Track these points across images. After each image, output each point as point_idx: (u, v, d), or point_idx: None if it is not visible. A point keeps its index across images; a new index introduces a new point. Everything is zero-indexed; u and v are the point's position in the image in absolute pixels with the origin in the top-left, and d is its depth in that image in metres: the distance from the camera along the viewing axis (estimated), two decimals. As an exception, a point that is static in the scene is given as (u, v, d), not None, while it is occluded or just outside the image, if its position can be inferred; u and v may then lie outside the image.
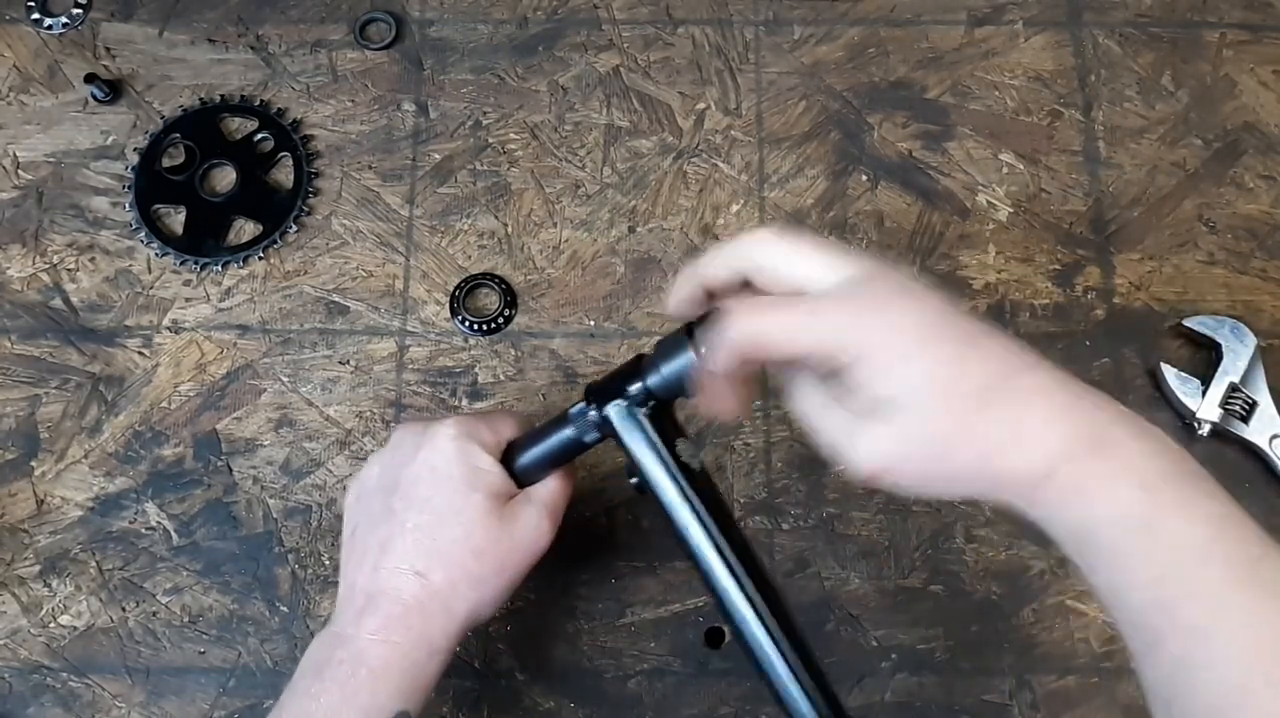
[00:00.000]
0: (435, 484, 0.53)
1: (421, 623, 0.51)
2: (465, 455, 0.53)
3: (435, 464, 0.53)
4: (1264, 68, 0.77)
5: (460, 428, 0.54)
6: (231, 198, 0.75)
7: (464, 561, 0.52)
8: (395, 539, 0.52)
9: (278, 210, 0.74)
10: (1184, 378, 0.69)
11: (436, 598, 0.51)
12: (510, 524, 0.53)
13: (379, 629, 0.51)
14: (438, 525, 0.52)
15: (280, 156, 0.76)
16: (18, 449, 0.69)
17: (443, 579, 0.51)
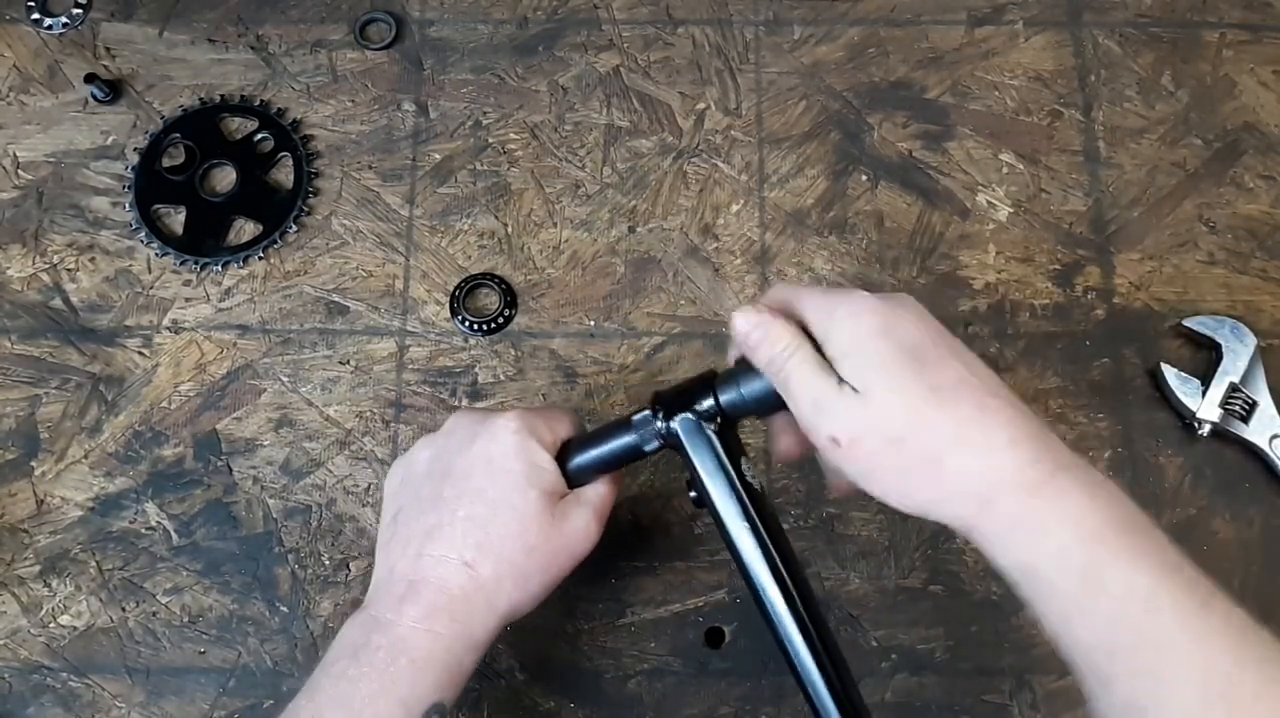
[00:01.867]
0: (491, 476, 0.52)
1: (466, 615, 0.50)
2: (525, 451, 0.53)
3: (493, 456, 0.52)
4: (1264, 68, 0.77)
5: (522, 422, 0.53)
6: (231, 198, 0.75)
7: (514, 556, 0.51)
8: (444, 528, 0.52)
9: (278, 210, 0.74)
10: (1184, 378, 0.69)
11: (482, 591, 0.51)
12: (561, 524, 0.52)
13: (422, 618, 0.50)
14: (490, 518, 0.51)
15: (280, 156, 0.76)
16: (18, 449, 0.69)
17: (490, 573, 0.51)
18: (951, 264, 0.73)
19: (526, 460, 0.52)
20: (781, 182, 0.75)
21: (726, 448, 0.52)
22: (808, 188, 0.75)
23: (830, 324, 0.47)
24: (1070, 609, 0.42)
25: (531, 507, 0.52)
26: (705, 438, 0.52)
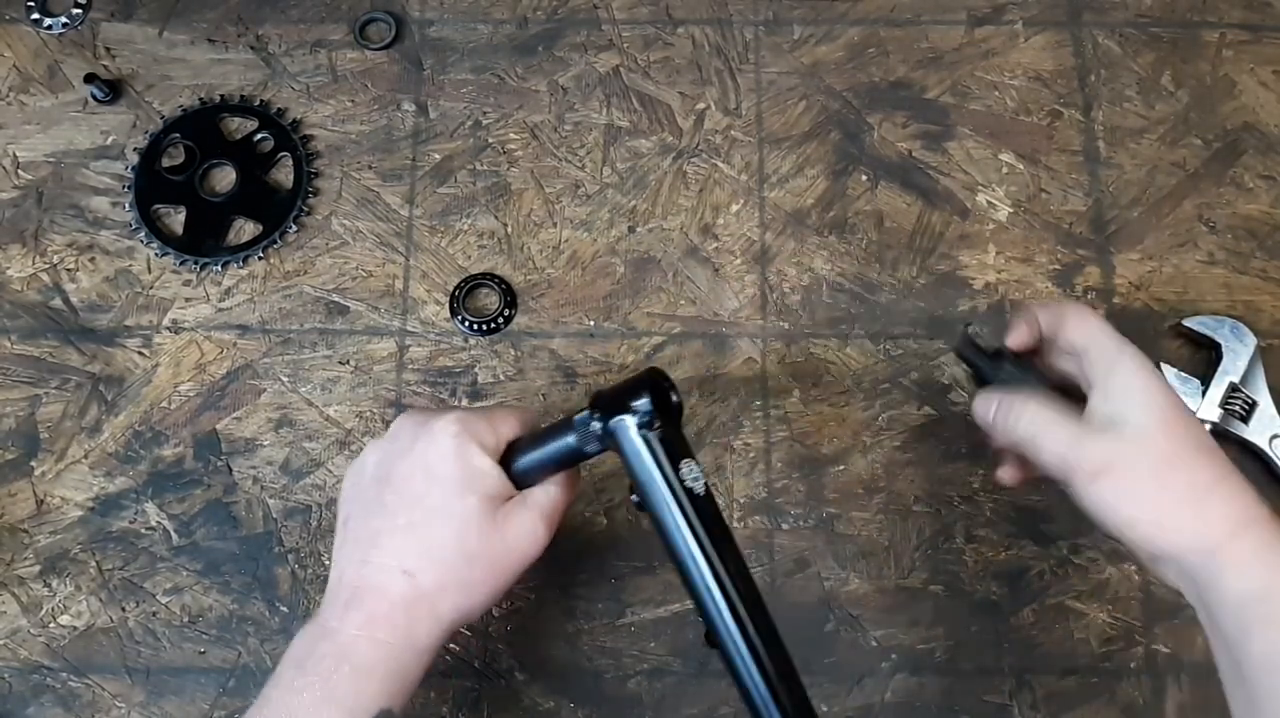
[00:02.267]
0: (430, 482, 0.52)
1: (407, 623, 0.50)
2: (463, 455, 0.52)
3: (431, 461, 0.52)
4: (1264, 68, 0.77)
5: (461, 425, 0.53)
6: (231, 198, 0.75)
7: (454, 564, 0.51)
8: (385, 535, 0.52)
9: (278, 210, 0.74)
10: (1184, 378, 0.69)
11: (424, 600, 0.50)
12: (504, 528, 0.52)
13: (364, 625, 0.50)
14: (429, 525, 0.51)
15: (280, 156, 0.76)
16: (18, 449, 0.69)
17: (431, 582, 0.51)
18: (951, 264, 0.73)
19: (465, 465, 0.52)
20: (781, 181, 0.75)
21: (667, 450, 0.50)
22: (808, 188, 0.75)
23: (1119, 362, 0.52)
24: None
25: (471, 513, 0.51)
26: (644, 442, 0.50)
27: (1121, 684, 0.64)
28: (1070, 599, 0.66)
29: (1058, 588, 0.66)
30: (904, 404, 0.70)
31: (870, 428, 0.69)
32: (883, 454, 0.69)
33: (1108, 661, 0.65)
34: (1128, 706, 0.64)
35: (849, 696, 0.64)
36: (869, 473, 0.68)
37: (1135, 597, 0.66)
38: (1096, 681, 0.64)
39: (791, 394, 0.70)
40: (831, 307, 0.72)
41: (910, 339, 0.71)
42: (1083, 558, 0.67)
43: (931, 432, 0.69)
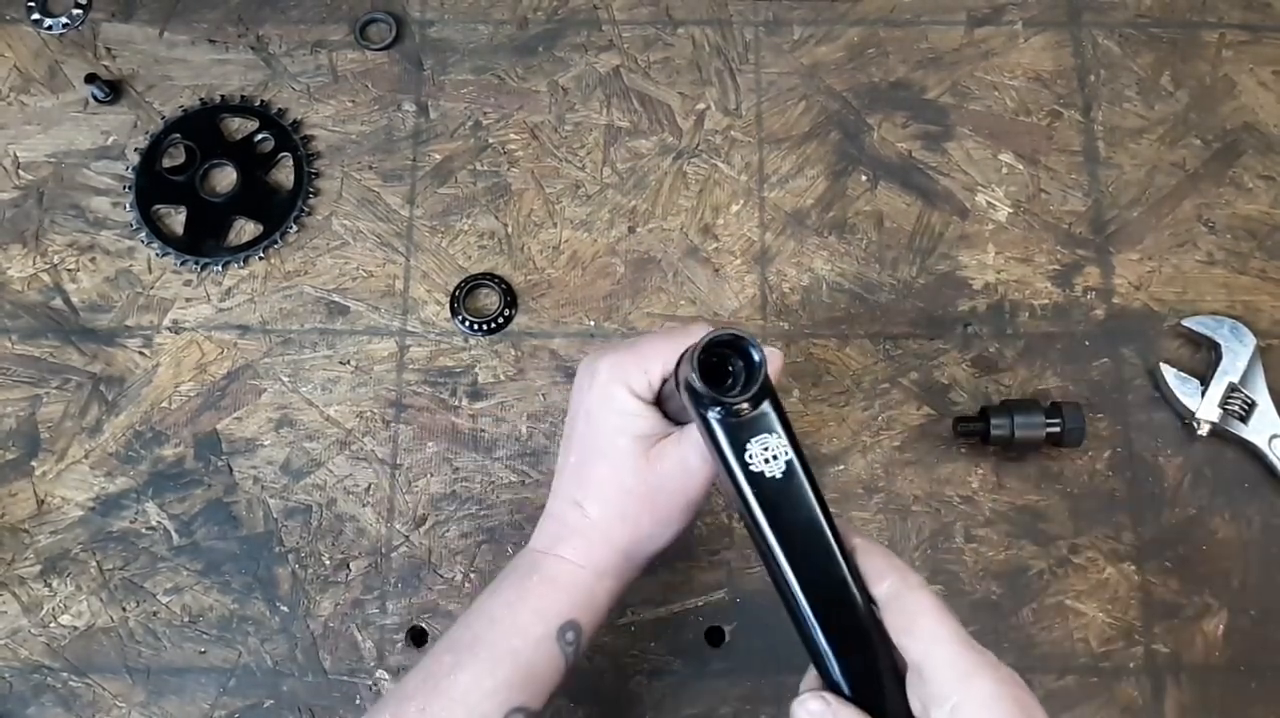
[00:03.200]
0: (590, 426, 0.55)
1: (586, 547, 0.54)
2: (611, 401, 0.54)
3: (590, 407, 0.55)
4: (1263, 68, 0.77)
5: (612, 371, 0.54)
6: (232, 198, 0.75)
7: (615, 498, 0.54)
8: (564, 471, 0.56)
9: (278, 210, 0.74)
10: (1183, 378, 0.69)
11: (595, 528, 0.54)
12: (656, 466, 0.53)
13: (550, 545, 0.54)
14: (590, 464, 0.54)
15: (280, 157, 0.76)
16: (18, 449, 0.69)
17: (598, 513, 0.54)
18: (951, 264, 0.73)
19: (615, 410, 0.54)
20: (781, 182, 0.75)
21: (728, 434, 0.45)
22: (807, 188, 0.75)
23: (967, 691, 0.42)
24: None
25: (620, 453, 0.54)
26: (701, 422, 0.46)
27: (1121, 684, 0.64)
28: (1070, 599, 0.66)
29: (1057, 588, 0.66)
30: (904, 404, 0.70)
31: (870, 428, 0.69)
32: (883, 454, 0.69)
33: (1107, 660, 0.65)
34: (1127, 706, 0.64)
35: (849, 695, 0.64)
36: (869, 473, 0.68)
37: (1135, 597, 0.66)
38: (1095, 680, 0.65)
39: (791, 394, 0.70)
40: (831, 307, 0.72)
41: (910, 339, 0.71)
42: (1082, 558, 0.67)
43: (931, 432, 0.69)
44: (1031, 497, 0.68)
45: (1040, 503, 0.68)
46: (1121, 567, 0.67)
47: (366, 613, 0.66)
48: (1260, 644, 0.65)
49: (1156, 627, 0.66)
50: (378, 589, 0.66)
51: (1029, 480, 0.68)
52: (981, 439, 0.67)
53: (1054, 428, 0.66)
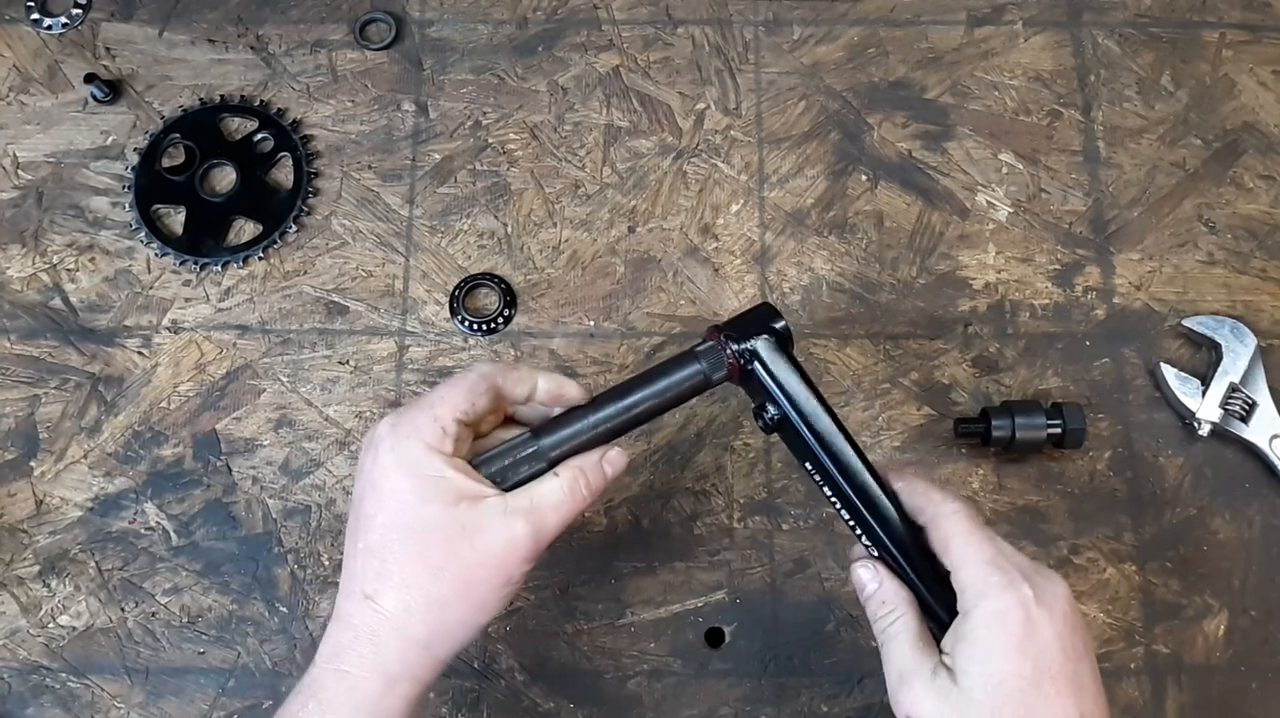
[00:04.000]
0: (379, 500, 0.47)
1: (373, 651, 0.46)
2: (407, 464, 0.47)
3: (375, 478, 0.47)
4: (1263, 68, 0.77)
5: (396, 431, 0.48)
6: (231, 198, 0.75)
7: (419, 581, 0.46)
8: (348, 559, 0.48)
9: (277, 210, 0.74)
10: (1184, 378, 0.69)
11: (389, 623, 0.46)
12: (475, 538, 0.47)
13: (330, 658, 0.47)
14: (383, 544, 0.47)
15: (280, 156, 0.76)
16: (17, 449, 0.69)
17: (394, 603, 0.46)
18: (951, 264, 0.73)
19: (413, 476, 0.47)
20: (781, 181, 0.75)
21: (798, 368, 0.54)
22: (808, 188, 0.75)
23: (977, 607, 0.46)
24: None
25: (426, 523, 0.46)
26: (785, 356, 0.53)
27: (1121, 684, 0.64)
28: (1070, 599, 0.66)
29: (1058, 588, 0.66)
30: (904, 404, 0.70)
31: (871, 428, 0.69)
32: (883, 454, 0.69)
33: (1108, 661, 0.65)
34: (1128, 706, 0.64)
35: (849, 696, 0.64)
36: (869, 473, 0.68)
37: (1135, 597, 0.66)
38: (1097, 681, 0.64)
39: (791, 394, 0.70)
40: (831, 307, 0.72)
41: (910, 339, 0.71)
42: (1083, 558, 0.67)
43: (932, 432, 0.69)
44: (1032, 497, 0.68)
45: (1041, 503, 0.68)
46: (1122, 567, 0.66)
47: (366, 613, 0.66)
48: (1261, 645, 0.65)
49: (1157, 627, 0.65)
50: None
51: (1029, 481, 0.68)
52: (982, 440, 0.67)
53: (1055, 429, 0.66)
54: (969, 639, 0.46)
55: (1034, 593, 0.46)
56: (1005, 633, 0.45)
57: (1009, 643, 0.45)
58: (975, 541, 0.48)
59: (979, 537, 0.48)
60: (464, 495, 0.47)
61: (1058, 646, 0.46)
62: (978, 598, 0.46)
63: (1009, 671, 0.45)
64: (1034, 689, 0.45)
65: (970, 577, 0.47)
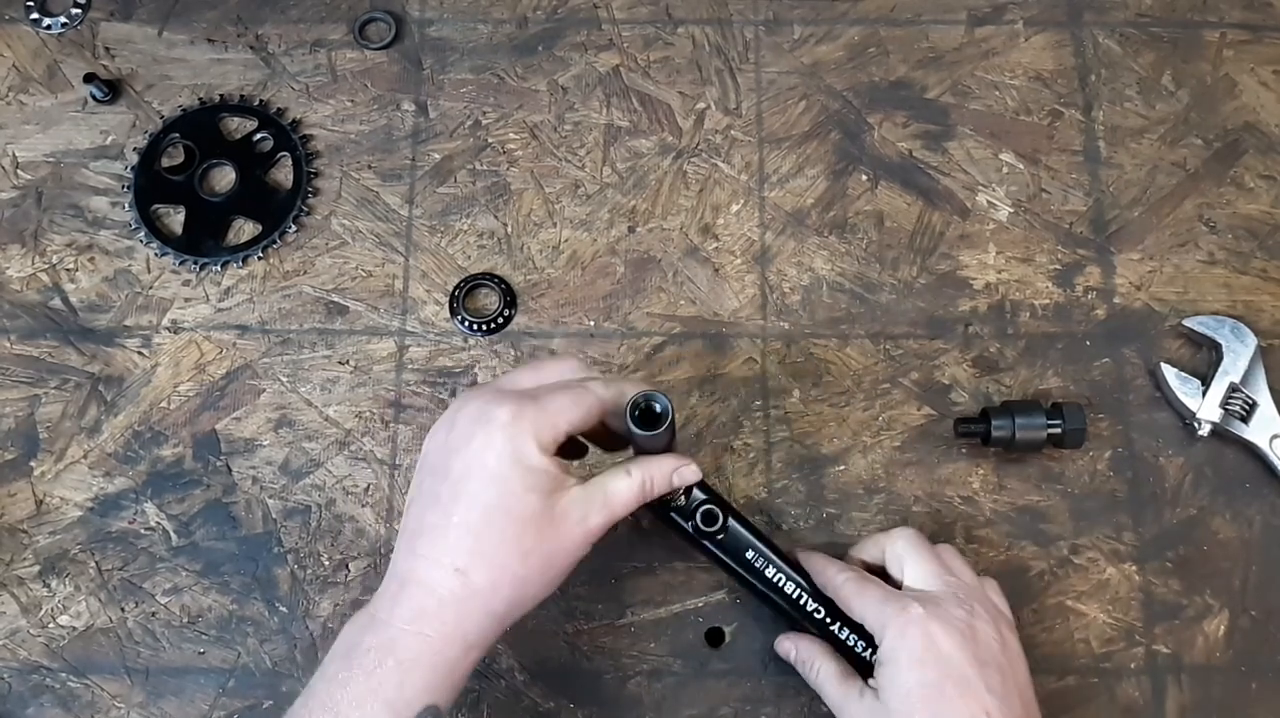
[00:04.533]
0: (486, 482, 0.50)
1: (456, 619, 0.50)
2: (520, 455, 0.50)
3: (488, 461, 0.50)
4: (1264, 68, 0.77)
5: (518, 424, 0.51)
6: (231, 198, 0.75)
7: (509, 562, 0.50)
8: (439, 531, 0.51)
9: (277, 210, 0.74)
10: (1184, 378, 0.69)
11: (477, 597, 0.50)
12: (559, 524, 0.51)
13: (411, 621, 0.49)
14: (485, 525, 0.50)
15: (280, 156, 0.76)
16: (17, 449, 0.69)
17: (484, 580, 0.50)
18: (952, 264, 0.73)
19: (522, 465, 0.50)
20: (781, 181, 0.75)
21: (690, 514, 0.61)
22: (808, 188, 0.75)
23: (884, 637, 0.55)
24: None
25: (528, 512, 0.50)
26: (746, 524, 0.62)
27: (1121, 684, 0.64)
28: (1070, 599, 0.66)
29: (1057, 588, 0.66)
30: (904, 404, 0.70)
31: (870, 428, 0.69)
32: (883, 454, 0.69)
33: (1108, 661, 0.65)
34: (1128, 706, 0.64)
35: (849, 696, 0.64)
36: (869, 473, 0.68)
37: (1135, 597, 0.66)
38: (1096, 681, 0.64)
39: (791, 394, 0.70)
40: (831, 307, 0.72)
41: (910, 339, 0.71)
42: (1083, 558, 0.67)
43: (931, 432, 0.69)
44: (1032, 497, 0.68)
45: (1041, 503, 0.68)
46: (1122, 567, 0.66)
47: (366, 614, 0.66)
48: (1261, 645, 0.65)
49: (1157, 627, 0.65)
50: (377, 590, 0.66)
51: (1029, 481, 0.68)
52: (982, 440, 0.67)
53: (1055, 429, 0.66)
54: (883, 662, 0.55)
55: (926, 611, 0.54)
56: (907, 650, 0.54)
57: (911, 657, 0.53)
58: (867, 593, 0.57)
59: (869, 590, 0.57)
60: (557, 487, 0.52)
61: (958, 655, 0.53)
62: (882, 630, 0.55)
63: (915, 679, 0.53)
64: (938, 693, 0.52)
65: (873, 619, 0.56)
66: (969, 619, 0.55)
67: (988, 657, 0.53)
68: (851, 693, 0.56)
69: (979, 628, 0.54)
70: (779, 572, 0.61)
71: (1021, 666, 0.56)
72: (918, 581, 0.58)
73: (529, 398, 0.52)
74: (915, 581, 0.58)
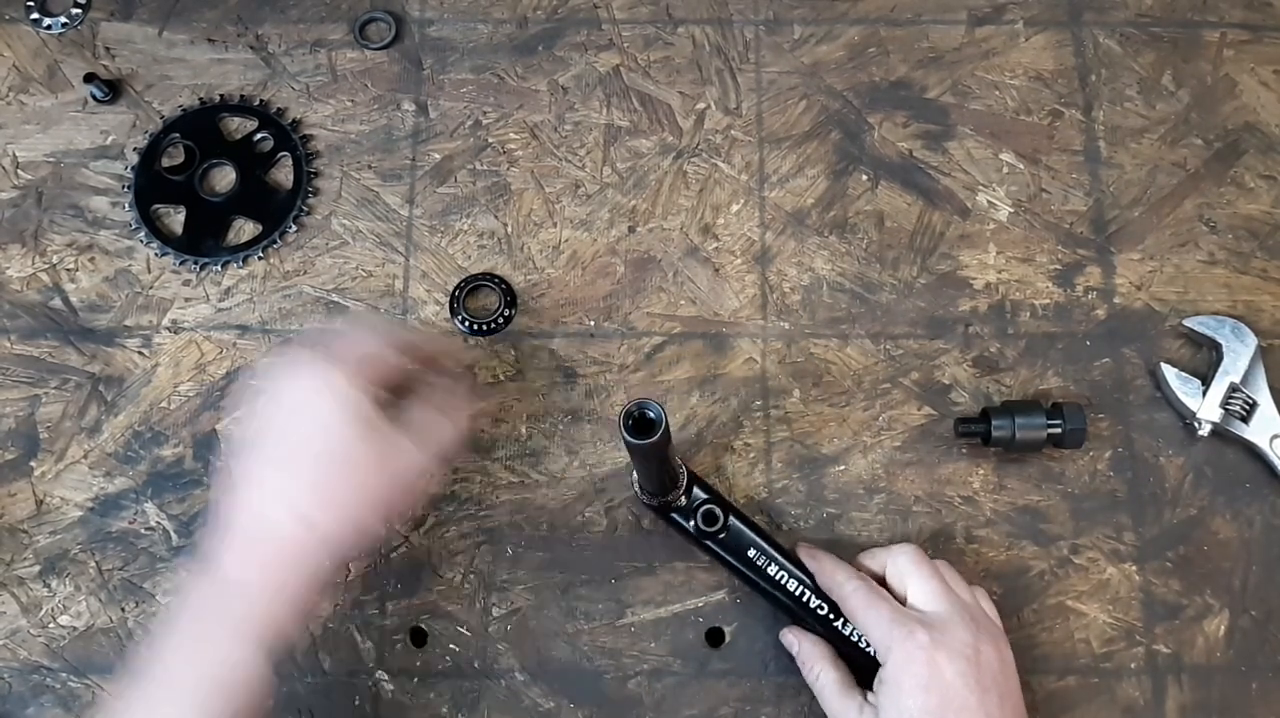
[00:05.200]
0: (328, 436, 0.54)
1: (297, 564, 0.53)
2: (359, 412, 0.54)
3: (325, 418, 0.54)
4: (1264, 68, 0.77)
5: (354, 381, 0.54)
6: (231, 198, 0.75)
7: (354, 508, 0.54)
8: (280, 482, 0.54)
9: (277, 210, 0.74)
10: (1184, 378, 0.69)
11: (326, 544, 0.54)
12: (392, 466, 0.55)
13: (262, 568, 0.52)
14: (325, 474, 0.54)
15: (280, 156, 0.76)
16: (17, 449, 0.69)
17: (333, 526, 0.53)
18: (952, 264, 0.73)
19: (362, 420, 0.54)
20: (781, 181, 0.75)
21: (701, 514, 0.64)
22: (808, 187, 0.75)
23: (888, 658, 0.56)
24: None
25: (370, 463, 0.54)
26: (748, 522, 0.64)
27: (1121, 684, 0.64)
28: (1070, 599, 0.66)
29: (1057, 588, 0.66)
30: (904, 404, 0.70)
31: (870, 428, 0.69)
32: (883, 454, 0.69)
33: (1108, 661, 0.65)
34: (1128, 706, 0.64)
35: (849, 696, 0.64)
36: (869, 473, 0.68)
37: (1135, 597, 0.66)
38: (1096, 681, 0.64)
39: (791, 394, 0.70)
40: (831, 307, 0.72)
41: (910, 339, 0.71)
42: (1083, 558, 0.67)
43: (931, 432, 0.69)
44: (1032, 497, 0.68)
45: (1041, 503, 0.68)
46: (1122, 567, 0.66)
47: (366, 614, 0.66)
48: (1261, 645, 0.65)
49: (1157, 627, 0.65)
50: (377, 590, 0.66)
51: (1030, 481, 0.68)
52: (983, 440, 0.67)
53: (1055, 429, 0.66)
54: (886, 682, 0.56)
55: (932, 639, 0.55)
56: (912, 676, 0.54)
57: (915, 683, 0.54)
58: (874, 607, 0.57)
59: (877, 604, 0.57)
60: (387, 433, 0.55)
61: (960, 682, 0.54)
62: (886, 652, 0.56)
63: (917, 706, 0.54)
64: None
65: (878, 637, 0.57)
66: (974, 643, 0.55)
67: (989, 682, 0.55)
68: (851, 707, 0.58)
69: (983, 652, 0.55)
70: (781, 569, 0.62)
71: (1015, 679, 0.57)
72: (921, 601, 0.58)
73: (349, 355, 0.56)
74: (919, 600, 0.58)
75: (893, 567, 0.60)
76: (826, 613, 0.61)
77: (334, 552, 0.54)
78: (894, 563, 0.60)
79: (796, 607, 0.62)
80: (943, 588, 0.58)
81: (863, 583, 0.59)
